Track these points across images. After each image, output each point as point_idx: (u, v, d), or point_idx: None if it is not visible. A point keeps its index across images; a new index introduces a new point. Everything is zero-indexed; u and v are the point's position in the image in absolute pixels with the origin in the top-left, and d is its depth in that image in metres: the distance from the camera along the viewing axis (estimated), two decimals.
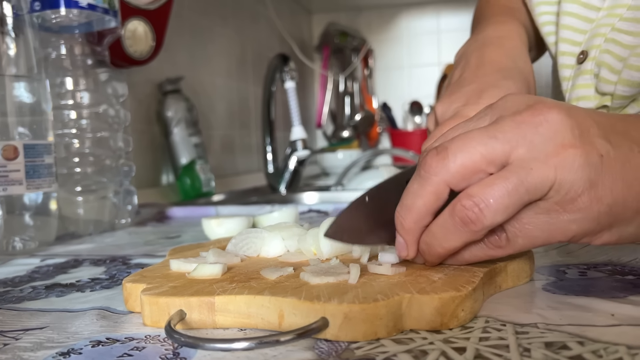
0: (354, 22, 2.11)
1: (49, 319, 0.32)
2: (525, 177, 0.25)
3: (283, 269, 0.32)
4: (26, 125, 0.54)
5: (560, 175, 0.25)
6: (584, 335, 0.25)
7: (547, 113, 0.26)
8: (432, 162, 0.27)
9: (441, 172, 0.27)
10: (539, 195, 0.26)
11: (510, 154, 0.26)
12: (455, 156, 0.27)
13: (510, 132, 0.26)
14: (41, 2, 0.59)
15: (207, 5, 1.31)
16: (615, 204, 0.26)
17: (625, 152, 0.26)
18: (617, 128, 0.27)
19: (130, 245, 0.56)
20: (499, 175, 0.26)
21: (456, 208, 0.27)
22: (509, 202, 0.26)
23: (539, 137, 0.26)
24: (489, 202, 0.26)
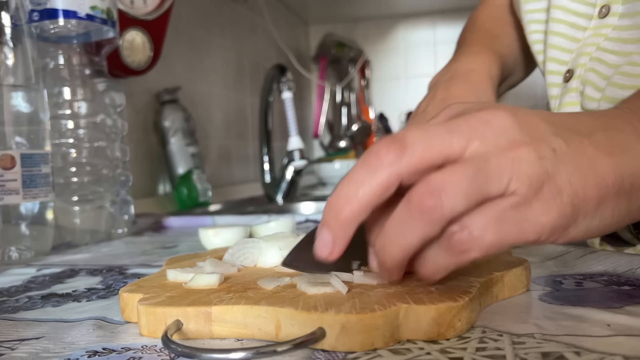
0: (351, 33, 2.12)
1: (45, 329, 0.32)
2: (483, 166, 0.24)
3: (280, 279, 0.32)
4: (23, 134, 0.54)
5: (517, 168, 0.25)
6: (581, 345, 0.25)
7: (494, 111, 0.26)
8: (388, 150, 0.25)
9: (396, 162, 0.25)
10: (498, 187, 0.25)
11: (467, 148, 0.25)
12: (414, 146, 0.25)
13: (465, 127, 0.25)
14: (40, 12, 0.59)
15: (204, 16, 1.32)
16: (576, 195, 0.25)
17: (577, 146, 0.26)
18: (565, 124, 0.27)
19: (126, 255, 0.55)
20: (457, 164, 0.25)
21: (412, 197, 0.24)
22: (469, 189, 0.24)
23: (492, 132, 0.25)
24: (448, 187, 0.24)
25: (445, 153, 0.25)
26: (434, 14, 2.07)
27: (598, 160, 0.26)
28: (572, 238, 0.26)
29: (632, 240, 0.46)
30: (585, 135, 0.27)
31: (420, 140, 0.25)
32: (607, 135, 0.27)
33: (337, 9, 2.02)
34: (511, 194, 0.25)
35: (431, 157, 0.25)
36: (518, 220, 0.25)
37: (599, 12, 0.46)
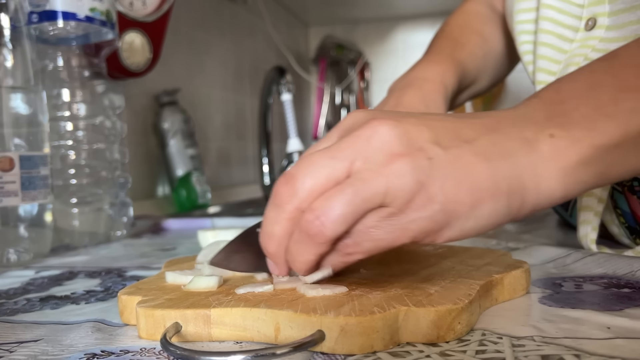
0: (351, 35, 2.12)
1: (44, 331, 0.31)
2: (360, 187, 0.27)
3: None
4: (22, 136, 0.54)
5: (391, 182, 0.27)
6: (580, 348, 0.25)
7: (377, 126, 0.28)
8: (282, 191, 0.29)
9: (292, 200, 0.29)
10: (375, 202, 0.27)
11: (350, 168, 0.28)
12: (303, 182, 0.28)
13: (348, 149, 0.28)
14: (39, 14, 0.59)
15: (204, 18, 1.32)
16: (448, 202, 0.27)
17: (456, 152, 0.28)
18: (450, 131, 0.29)
19: (125, 257, 0.55)
20: (337, 189, 0.28)
21: (301, 224, 0.28)
22: (347, 212, 0.27)
23: (371, 150, 0.28)
24: (329, 214, 0.27)
25: (332, 179, 0.28)
26: (433, 16, 2.08)
27: (474, 166, 0.28)
28: (447, 239, 0.28)
29: (630, 245, 0.46)
30: (466, 141, 0.28)
31: (307, 175, 0.28)
32: (490, 139, 0.28)
33: (337, 11, 2.02)
34: (386, 205, 0.27)
35: (320, 187, 0.28)
36: (391, 228, 0.27)
37: (586, 24, 0.47)
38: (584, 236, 0.43)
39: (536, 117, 0.29)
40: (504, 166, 0.28)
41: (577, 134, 0.28)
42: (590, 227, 0.42)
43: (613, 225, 0.46)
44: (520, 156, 0.28)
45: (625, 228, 0.45)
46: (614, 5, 0.44)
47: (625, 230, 0.45)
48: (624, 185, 0.43)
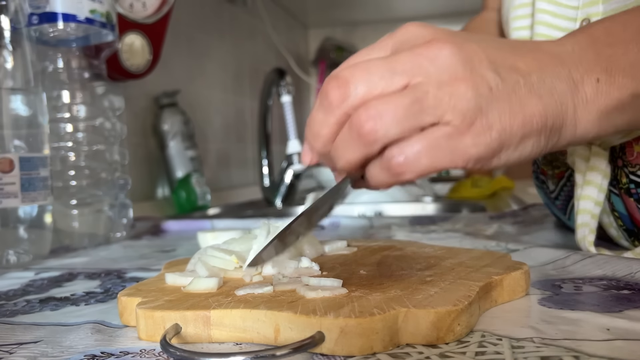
0: (350, 37, 2.13)
1: (43, 332, 0.31)
2: (421, 96, 0.27)
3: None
4: (22, 138, 0.54)
5: (453, 102, 0.27)
6: (580, 349, 0.25)
7: (441, 47, 0.28)
8: (334, 93, 0.28)
9: (342, 104, 0.28)
10: (433, 116, 0.27)
11: (409, 84, 0.27)
12: (356, 88, 0.28)
13: (409, 64, 0.28)
14: (39, 15, 0.59)
15: (204, 20, 1.32)
16: (504, 131, 0.28)
17: (512, 85, 0.28)
18: (507, 62, 0.29)
19: (125, 259, 0.55)
20: (396, 93, 0.27)
21: (353, 120, 0.27)
22: (403, 117, 0.27)
23: (434, 69, 0.27)
24: (384, 114, 0.27)
25: (388, 91, 0.27)
26: (432, 18, 2.08)
27: (528, 101, 0.29)
28: (493, 166, 0.29)
29: (629, 247, 0.46)
30: (522, 75, 0.29)
31: (362, 81, 0.28)
32: (541, 77, 0.29)
33: (336, 13, 2.02)
34: (446, 124, 0.27)
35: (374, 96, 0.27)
36: (450, 149, 0.27)
37: (580, 26, 0.47)
38: (582, 239, 0.43)
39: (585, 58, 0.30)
40: (552, 104, 0.29)
41: (622, 80, 0.30)
42: (587, 230, 0.43)
43: (611, 228, 0.46)
44: (567, 96, 0.29)
45: (623, 231, 0.45)
46: (607, 5, 0.44)
47: (624, 233, 0.45)
48: (620, 187, 0.43)
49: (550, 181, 0.53)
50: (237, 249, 0.38)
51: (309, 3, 1.89)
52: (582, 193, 0.43)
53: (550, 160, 0.52)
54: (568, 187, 0.51)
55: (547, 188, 0.55)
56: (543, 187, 0.55)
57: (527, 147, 0.29)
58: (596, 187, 0.42)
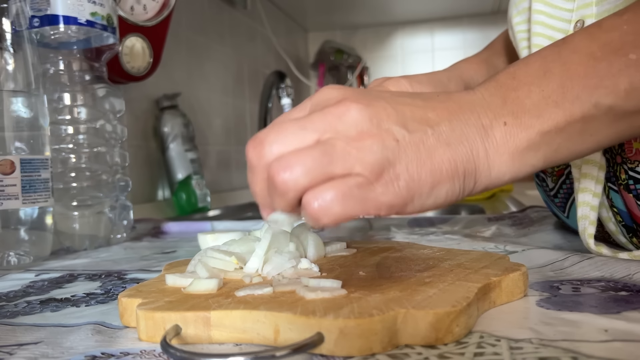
0: (350, 40, 2.13)
1: (44, 334, 0.32)
2: (329, 149, 0.29)
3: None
4: (23, 140, 0.55)
5: (361, 155, 0.29)
6: (578, 350, 0.25)
7: (349, 106, 0.30)
8: (252, 154, 0.31)
9: (260, 162, 0.30)
10: (342, 168, 0.29)
11: (319, 140, 0.30)
12: (271, 148, 0.30)
13: (319, 122, 0.30)
14: (40, 18, 0.60)
15: (204, 23, 1.32)
16: (412, 180, 0.29)
17: (420, 136, 0.30)
18: (416, 115, 0.31)
19: (125, 260, 0.56)
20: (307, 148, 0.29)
21: (268, 174, 0.30)
22: (312, 167, 0.28)
23: (343, 125, 0.29)
24: (294, 165, 0.29)
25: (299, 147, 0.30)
26: (432, 21, 2.08)
27: (436, 150, 0.30)
28: (409, 212, 0.31)
29: (626, 244, 0.46)
30: (430, 125, 0.31)
31: (276, 141, 0.30)
32: (451, 126, 0.31)
33: (336, 16, 2.03)
34: (356, 175, 0.29)
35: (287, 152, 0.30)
36: (361, 197, 0.29)
37: (574, 27, 0.47)
38: (582, 232, 0.43)
39: (493, 104, 0.32)
40: (461, 151, 0.31)
41: (527, 121, 0.31)
42: (587, 222, 0.43)
43: (610, 223, 0.46)
44: (477, 142, 0.31)
45: (621, 226, 0.45)
46: (600, 6, 0.45)
47: (622, 229, 0.45)
48: (619, 184, 0.43)
49: (549, 179, 0.53)
50: (237, 250, 0.39)
51: (308, 6, 1.89)
52: (579, 186, 0.43)
53: None
54: (567, 184, 0.52)
55: (546, 186, 0.55)
56: (543, 185, 0.56)
57: (441, 193, 0.30)
58: (593, 179, 0.43)
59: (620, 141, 0.33)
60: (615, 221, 0.46)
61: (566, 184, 0.52)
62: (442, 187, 0.30)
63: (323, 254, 0.42)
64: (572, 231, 0.59)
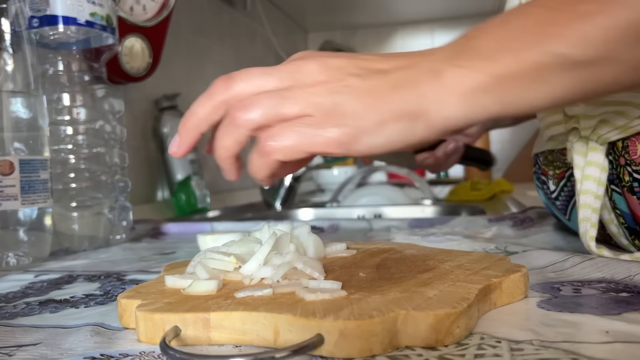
0: (350, 41, 2.13)
1: (43, 335, 0.31)
2: (284, 93, 0.33)
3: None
4: (22, 140, 0.55)
5: (311, 99, 0.33)
6: (579, 352, 0.25)
7: (309, 59, 0.34)
8: (219, 84, 0.35)
9: (223, 93, 0.35)
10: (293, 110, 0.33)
11: (279, 86, 0.34)
12: (236, 83, 0.34)
13: (282, 72, 0.34)
14: (39, 18, 0.59)
15: (204, 23, 1.32)
16: (357, 118, 0.32)
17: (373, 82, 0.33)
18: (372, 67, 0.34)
19: (125, 261, 0.55)
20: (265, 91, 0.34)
21: (229, 110, 0.34)
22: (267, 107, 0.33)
23: (300, 74, 0.34)
24: (251, 104, 0.33)
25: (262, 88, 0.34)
26: (432, 21, 2.08)
27: (383, 93, 0.33)
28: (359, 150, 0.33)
29: (628, 246, 0.46)
30: (384, 73, 0.33)
31: (243, 79, 0.35)
32: (404, 73, 0.33)
33: (336, 16, 2.02)
34: (307, 115, 0.33)
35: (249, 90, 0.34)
36: (311, 133, 0.32)
37: None
38: (583, 233, 0.43)
39: (449, 52, 0.34)
40: (410, 94, 0.32)
41: (478, 64, 0.32)
42: (589, 224, 0.43)
43: (612, 225, 0.46)
44: (427, 85, 0.33)
45: (624, 228, 0.45)
46: None
47: (625, 231, 0.45)
48: (623, 185, 0.43)
49: (551, 181, 0.53)
50: (236, 251, 0.39)
51: (308, 6, 1.89)
52: (581, 188, 0.43)
53: (552, 161, 0.53)
54: (568, 187, 0.51)
55: (547, 189, 0.55)
56: (544, 187, 0.56)
57: (390, 131, 0.32)
58: (595, 181, 0.43)
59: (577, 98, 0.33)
60: (617, 223, 0.45)
61: (567, 187, 0.52)
62: (390, 126, 0.32)
63: (323, 255, 0.42)
64: (572, 232, 0.59)
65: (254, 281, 0.34)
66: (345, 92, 0.33)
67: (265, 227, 0.42)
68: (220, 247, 0.40)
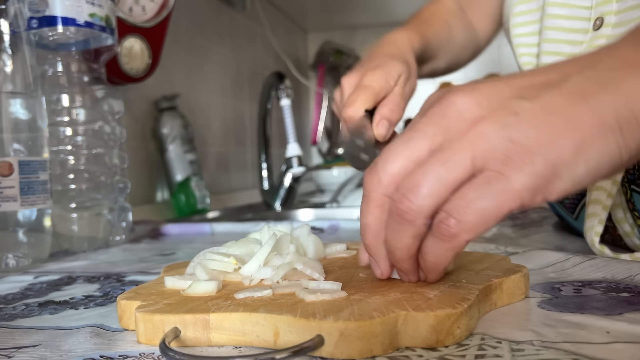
0: (349, 41, 2.13)
1: (42, 336, 0.31)
2: (444, 157, 0.26)
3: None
4: (21, 141, 0.54)
5: (477, 146, 0.26)
6: (580, 352, 0.25)
7: (451, 98, 0.27)
8: (367, 181, 0.30)
9: (377, 187, 0.29)
10: (463, 171, 0.26)
11: (431, 146, 0.27)
12: (384, 169, 0.29)
13: (425, 127, 0.28)
14: (38, 19, 0.59)
15: (203, 24, 1.32)
16: (547, 150, 0.25)
17: (544, 100, 0.26)
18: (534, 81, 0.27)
19: (124, 262, 0.55)
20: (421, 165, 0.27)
21: (391, 205, 0.28)
22: (433, 184, 0.26)
23: (449, 121, 0.27)
24: (413, 189, 0.27)
25: (413, 159, 0.28)
26: None
27: (569, 107, 0.25)
28: (561, 191, 0.26)
29: (636, 247, 0.46)
30: (555, 85, 0.26)
31: (388, 161, 0.29)
32: (585, 76, 0.26)
33: (336, 17, 2.02)
34: (481, 171, 0.26)
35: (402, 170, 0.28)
36: (493, 194, 0.25)
37: (593, 24, 0.47)
38: (589, 228, 0.43)
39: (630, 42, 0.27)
40: (606, 98, 0.25)
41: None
42: (597, 220, 0.43)
43: (626, 224, 0.46)
44: (627, 82, 0.25)
45: (639, 229, 0.45)
46: (622, 3, 0.45)
47: (638, 232, 0.45)
48: None
49: None
50: (236, 252, 0.38)
51: (308, 7, 1.89)
52: (594, 185, 0.43)
53: None
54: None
55: None
56: None
57: (593, 155, 0.25)
58: (609, 180, 0.42)
59: None
60: (632, 223, 0.45)
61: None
62: (592, 148, 0.25)
63: (323, 255, 0.42)
64: (573, 232, 0.58)
65: (254, 282, 0.34)
66: (516, 123, 0.25)
67: (265, 228, 0.42)
68: (220, 248, 0.40)
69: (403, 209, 0.27)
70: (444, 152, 0.26)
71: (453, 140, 0.26)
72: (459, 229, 0.26)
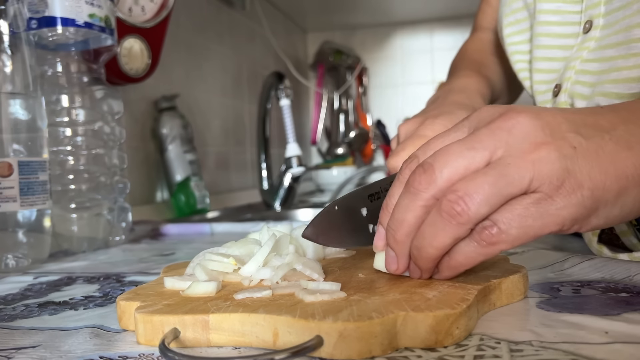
0: (349, 41, 2.13)
1: (42, 337, 0.31)
2: (503, 170, 0.27)
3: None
4: (21, 142, 0.54)
5: (537, 169, 0.27)
6: (578, 353, 0.25)
7: (517, 117, 0.28)
8: (421, 179, 0.29)
9: (430, 187, 0.29)
10: (519, 187, 0.27)
11: (490, 158, 0.28)
12: (441, 171, 0.29)
13: (487, 140, 0.29)
14: (38, 20, 0.59)
15: (203, 24, 1.32)
16: (596, 188, 0.28)
17: (597, 141, 0.28)
18: (587, 121, 0.29)
19: (124, 263, 0.55)
20: (480, 172, 0.28)
21: (442, 204, 0.28)
22: (491, 194, 0.27)
23: (513, 139, 0.28)
24: (472, 194, 0.28)
25: (471, 169, 0.28)
26: (431, 21, 2.08)
27: (617, 154, 0.28)
28: (594, 226, 0.29)
29: (636, 245, 0.46)
30: (606, 131, 0.29)
31: (446, 164, 0.29)
32: (628, 129, 0.29)
33: (335, 16, 2.02)
34: (533, 191, 0.27)
35: (459, 175, 0.29)
36: (540, 214, 0.27)
37: (583, 28, 0.48)
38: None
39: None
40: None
41: None
42: None
43: (622, 223, 0.46)
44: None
45: (637, 229, 0.45)
46: (609, 5, 0.45)
47: (636, 231, 0.45)
48: None
49: None
50: (236, 252, 0.38)
51: (307, 7, 1.89)
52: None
53: None
54: None
55: None
56: None
57: (629, 201, 0.29)
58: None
59: None
60: (629, 222, 0.45)
61: None
62: (629, 195, 0.28)
63: (322, 256, 0.42)
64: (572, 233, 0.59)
65: (253, 282, 0.34)
66: (573, 156, 0.27)
67: (264, 228, 0.42)
68: (219, 249, 0.40)
69: (458, 210, 0.28)
70: (505, 166, 0.27)
71: (515, 157, 0.28)
72: (499, 239, 0.28)
